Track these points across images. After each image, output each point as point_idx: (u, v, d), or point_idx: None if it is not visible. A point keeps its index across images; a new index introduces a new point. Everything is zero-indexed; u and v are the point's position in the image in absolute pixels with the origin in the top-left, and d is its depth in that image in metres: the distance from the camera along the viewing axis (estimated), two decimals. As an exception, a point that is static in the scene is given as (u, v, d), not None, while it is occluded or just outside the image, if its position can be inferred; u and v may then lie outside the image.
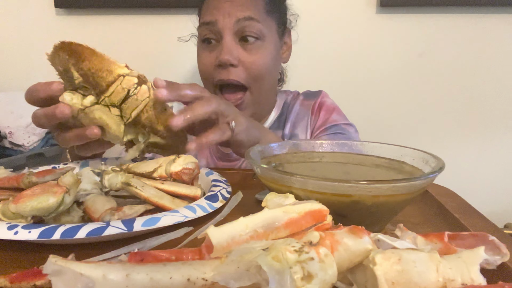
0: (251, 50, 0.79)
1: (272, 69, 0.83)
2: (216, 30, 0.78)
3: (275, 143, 0.53)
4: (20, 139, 1.26)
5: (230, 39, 0.78)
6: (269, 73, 0.83)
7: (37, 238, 0.34)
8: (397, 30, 1.26)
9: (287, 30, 0.91)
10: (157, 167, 0.47)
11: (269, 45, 0.81)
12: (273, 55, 0.83)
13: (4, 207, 0.38)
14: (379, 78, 1.29)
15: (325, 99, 0.93)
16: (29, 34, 1.40)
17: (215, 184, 0.50)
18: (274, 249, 0.21)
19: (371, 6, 1.25)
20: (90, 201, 0.42)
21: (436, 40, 1.26)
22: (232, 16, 0.77)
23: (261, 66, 0.80)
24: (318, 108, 0.91)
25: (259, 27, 0.78)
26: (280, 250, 0.21)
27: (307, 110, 0.92)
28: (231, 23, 0.77)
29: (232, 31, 0.77)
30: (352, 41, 1.28)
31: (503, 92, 1.27)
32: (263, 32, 0.79)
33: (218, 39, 0.79)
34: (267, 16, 0.82)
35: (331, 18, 1.27)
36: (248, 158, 0.44)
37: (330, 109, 0.90)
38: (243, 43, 0.79)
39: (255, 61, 0.79)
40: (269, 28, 0.82)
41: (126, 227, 0.35)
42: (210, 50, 0.81)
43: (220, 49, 0.78)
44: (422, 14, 1.24)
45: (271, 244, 0.22)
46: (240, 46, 0.79)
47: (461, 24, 1.24)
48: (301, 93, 0.97)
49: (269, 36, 0.81)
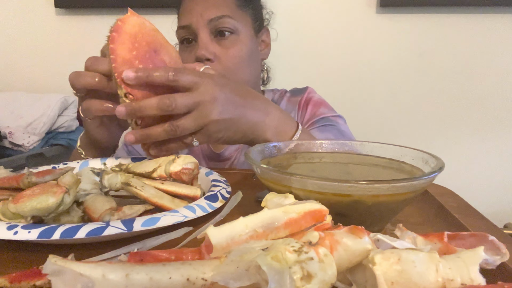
0: (227, 44, 0.81)
1: (248, 62, 0.85)
2: (191, 31, 0.81)
3: (274, 142, 0.53)
4: (20, 139, 1.26)
5: (205, 36, 0.80)
6: (246, 66, 0.84)
7: (37, 238, 0.34)
8: (397, 30, 1.26)
9: (265, 28, 0.93)
10: (156, 167, 0.47)
11: (244, 38, 0.83)
12: (249, 49, 0.84)
13: (3, 207, 0.38)
14: (379, 78, 1.29)
15: (312, 95, 0.93)
16: (29, 34, 1.40)
17: (214, 184, 0.50)
18: (274, 249, 0.21)
19: (371, 6, 1.25)
20: (90, 201, 0.42)
21: (436, 40, 1.26)
22: (205, 17, 0.80)
23: (237, 59, 0.82)
24: (305, 103, 0.92)
25: (232, 22, 0.81)
26: (279, 250, 0.21)
27: (293, 106, 0.92)
28: (204, 23, 0.80)
29: (206, 29, 0.80)
30: (352, 41, 1.28)
31: (503, 92, 1.27)
32: (237, 26, 0.82)
33: (195, 39, 0.82)
34: (240, 11, 0.84)
35: (331, 18, 1.27)
36: (248, 159, 0.44)
37: (318, 103, 0.91)
38: (218, 39, 0.81)
39: (230, 54, 0.81)
40: (244, 23, 0.84)
41: (125, 227, 0.35)
42: (189, 50, 0.83)
43: (196, 47, 0.80)
44: (422, 14, 1.24)
45: (271, 244, 0.22)
46: (215, 42, 0.81)
47: (461, 24, 1.24)
48: (288, 91, 0.98)
49: (244, 31, 0.83)
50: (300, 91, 0.96)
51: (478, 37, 1.24)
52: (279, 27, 1.08)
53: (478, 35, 1.24)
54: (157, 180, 0.46)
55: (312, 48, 1.27)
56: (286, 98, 0.95)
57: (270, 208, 0.29)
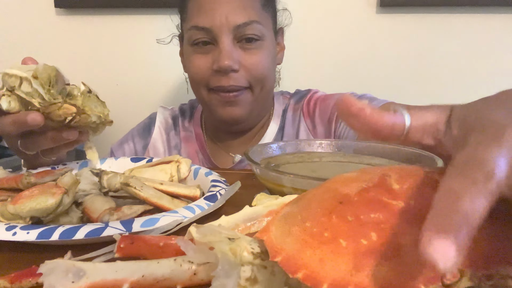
0: (252, 51, 0.73)
1: (272, 69, 0.80)
2: (211, 35, 0.72)
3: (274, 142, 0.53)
4: (20, 139, 1.26)
5: (229, 43, 0.71)
6: (271, 74, 0.79)
7: (36, 239, 0.34)
8: (397, 30, 1.26)
9: (281, 29, 0.86)
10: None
11: (268, 44, 0.77)
12: (273, 54, 0.79)
13: (2, 208, 0.38)
14: (379, 78, 1.29)
15: (317, 94, 0.88)
16: (29, 34, 1.39)
17: (214, 184, 0.49)
18: (237, 242, 0.22)
19: (371, 6, 1.25)
20: (89, 201, 0.42)
21: (436, 40, 1.25)
22: (231, 21, 0.70)
23: (264, 67, 0.75)
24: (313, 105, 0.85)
25: (260, 28, 0.73)
26: (240, 245, 0.22)
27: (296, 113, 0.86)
28: (229, 28, 0.71)
29: (230, 35, 0.72)
30: (352, 41, 1.27)
31: (503, 92, 1.27)
32: (263, 32, 0.75)
33: (214, 43, 0.73)
34: (265, 13, 0.77)
35: (331, 18, 1.27)
36: (248, 159, 0.44)
37: (325, 98, 0.85)
38: (242, 44, 0.73)
39: (256, 62, 0.74)
40: (268, 26, 0.77)
41: (125, 228, 0.35)
42: (204, 53, 0.74)
43: (217, 53, 0.71)
44: (422, 14, 1.24)
45: (238, 238, 0.22)
46: (239, 48, 0.73)
47: (461, 24, 1.24)
48: (291, 97, 0.91)
49: (268, 35, 0.77)
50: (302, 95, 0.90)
51: (478, 37, 1.24)
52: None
53: (478, 35, 1.24)
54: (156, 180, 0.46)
55: (311, 47, 1.26)
56: (291, 106, 0.89)
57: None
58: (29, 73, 0.46)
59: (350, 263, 0.19)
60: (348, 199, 0.22)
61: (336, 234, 0.21)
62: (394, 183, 0.22)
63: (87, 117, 0.48)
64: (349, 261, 0.19)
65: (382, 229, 0.20)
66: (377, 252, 0.19)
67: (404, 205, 0.21)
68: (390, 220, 0.20)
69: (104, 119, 0.50)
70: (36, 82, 0.45)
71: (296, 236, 0.22)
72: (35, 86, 0.45)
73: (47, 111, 0.46)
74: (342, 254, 0.20)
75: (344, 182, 0.24)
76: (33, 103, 0.45)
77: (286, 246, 0.21)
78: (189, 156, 0.85)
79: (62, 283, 0.24)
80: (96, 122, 0.49)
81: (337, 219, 0.21)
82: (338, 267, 0.19)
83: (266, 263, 0.22)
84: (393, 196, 0.21)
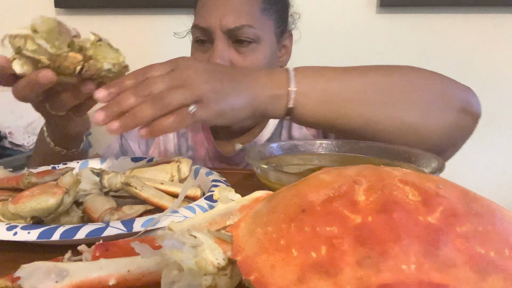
0: (245, 53, 0.76)
1: None
2: (208, 35, 0.76)
3: (275, 143, 0.53)
4: (20, 139, 1.26)
5: (222, 43, 0.74)
6: None
7: (36, 239, 0.34)
8: (397, 30, 1.26)
9: (288, 33, 0.87)
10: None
11: (264, 47, 0.78)
12: (269, 59, 0.79)
13: (3, 208, 0.37)
14: (379, 78, 1.29)
15: None
16: (29, 34, 1.40)
17: (214, 184, 0.49)
18: (201, 254, 0.23)
19: (371, 6, 1.25)
20: (90, 201, 0.42)
21: (436, 40, 1.26)
22: (223, 24, 0.74)
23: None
24: None
25: (252, 31, 0.75)
26: (206, 258, 0.23)
27: None
28: (222, 31, 0.74)
29: (224, 36, 0.75)
30: (352, 41, 1.28)
31: (503, 92, 1.27)
32: (258, 34, 0.76)
33: (211, 42, 0.77)
34: (264, 16, 0.78)
35: (331, 18, 1.27)
36: (248, 159, 0.44)
37: None
38: (237, 45, 0.75)
39: (250, 64, 0.76)
40: (266, 30, 0.78)
41: (125, 228, 0.35)
42: (203, 50, 0.78)
43: (211, 52, 0.75)
44: (422, 14, 1.24)
45: (203, 250, 0.23)
46: (233, 49, 0.75)
47: (461, 24, 1.24)
48: None
49: (265, 38, 0.78)
50: None
51: (478, 37, 1.24)
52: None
53: (478, 35, 1.24)
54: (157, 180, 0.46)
55: (311, 47, 1.27)
56: None
57: (222, 201, 0.31)
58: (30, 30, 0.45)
59: (296, 274, 0.20)
60: (311, 208, 0.23)
61: (290, 243, 0.22)
62: (361, 194, 0.23)
63: (96, 62, 0.47)
64: (295, 272, 0.20)
65: (333, 244, 0.21)
66: (322, 267, 0.20)
67: (361, 222, 0.21)
68: (343, 235, 0.21)
69: (119, 65, 0.49)
70: (37, 36, 0.44)
71: (257, 238, 0.23)
72: (37, 41, 0.43)
73: (56, 65, 0.45)
74: (291, 264, 0.21)
75: (315, 187, 0.25)
76: (41, 60, 0.44)
77: (247, 247, 0.23)
78: (196, 144, 0.88)
79: (45, 284, 0.24)
80: (111, 70, 0.48)
81: (295, 228, 0.22)
82: (286, 276, 0.20)
83: (227, 271, 0.23)
84: (354, 210, 0.22)
